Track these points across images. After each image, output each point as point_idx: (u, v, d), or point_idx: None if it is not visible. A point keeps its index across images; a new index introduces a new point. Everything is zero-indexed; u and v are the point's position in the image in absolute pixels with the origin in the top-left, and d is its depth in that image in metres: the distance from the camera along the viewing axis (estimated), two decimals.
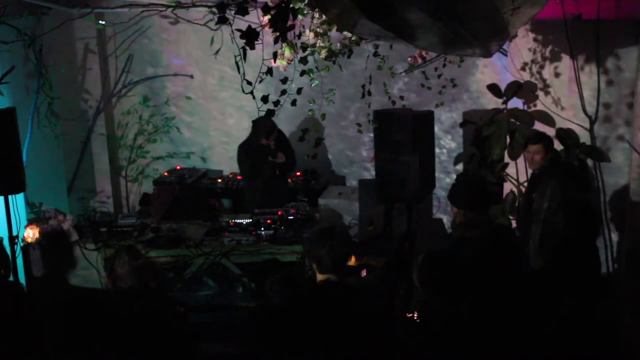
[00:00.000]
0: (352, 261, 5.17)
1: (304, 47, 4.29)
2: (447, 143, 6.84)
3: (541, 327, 3.81)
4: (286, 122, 6.60)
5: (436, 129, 6.07)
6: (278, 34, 3.19)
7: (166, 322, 3.71)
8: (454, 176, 6.32)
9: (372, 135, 5.87)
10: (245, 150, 6.22)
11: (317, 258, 3.49)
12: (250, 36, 3.11)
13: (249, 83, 3.62)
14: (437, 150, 6.27)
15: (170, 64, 7.17)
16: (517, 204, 5.92)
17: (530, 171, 5.64)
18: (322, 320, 3.32)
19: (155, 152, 7.33)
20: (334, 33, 4.45)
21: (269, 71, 3.73)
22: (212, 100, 7.23)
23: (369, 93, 5.06)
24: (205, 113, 7.29)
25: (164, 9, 6.03)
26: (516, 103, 6.00)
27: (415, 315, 3.63)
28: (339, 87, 6.46)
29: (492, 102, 6.26)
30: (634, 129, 5.55)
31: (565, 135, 5.72)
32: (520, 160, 5.94)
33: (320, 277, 3.49)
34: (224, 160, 7.24)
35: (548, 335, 3.84)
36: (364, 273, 5.01)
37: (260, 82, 3.67)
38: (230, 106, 7.17)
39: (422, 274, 3.58)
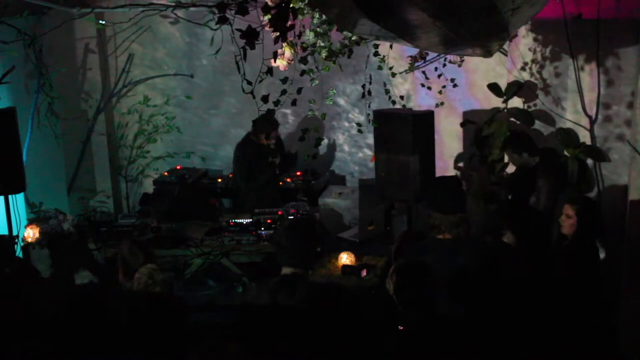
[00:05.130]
0: (352, 260, 5.18)
1: (304, 47, 4.29)
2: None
3: (539, 327, 3.81)
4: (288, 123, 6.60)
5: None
6: (278, 34, 3.19)
7: (169, 322, 3.71)
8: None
9: (372, 135, 5.86)
10: (244, 151, 6.20)
11: (281, 249, 3.39)
12: (250, 36, 3.11)
13: (249, 83, 3.62)
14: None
15: (170, 63, 7.17)
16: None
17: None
18: (321, 320, 3.31)
19: (155, 152, 7.32)
20: (334, 33, 4.45)
21: (269, 71, 3.73)
22: (212, 99, 7.22)
23: (369, 93, 5.06)
24: (205, 113, 7.28)
25: (164, 9, 6.03)
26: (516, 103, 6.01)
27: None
28: (339, 87, 6.48)
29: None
30: (634, 129, 5.55)
31: (565, 135, 5.71)
32: None
33: (284, 270, 3.39)
34: (224, 160, 7.24)
35: (547, 336, 3.84)
36: (364, 273, 5.02)
37: (261, 82, 3.66)
38: (230, 106, 7.16)
39: (394, 285, 3.47)
